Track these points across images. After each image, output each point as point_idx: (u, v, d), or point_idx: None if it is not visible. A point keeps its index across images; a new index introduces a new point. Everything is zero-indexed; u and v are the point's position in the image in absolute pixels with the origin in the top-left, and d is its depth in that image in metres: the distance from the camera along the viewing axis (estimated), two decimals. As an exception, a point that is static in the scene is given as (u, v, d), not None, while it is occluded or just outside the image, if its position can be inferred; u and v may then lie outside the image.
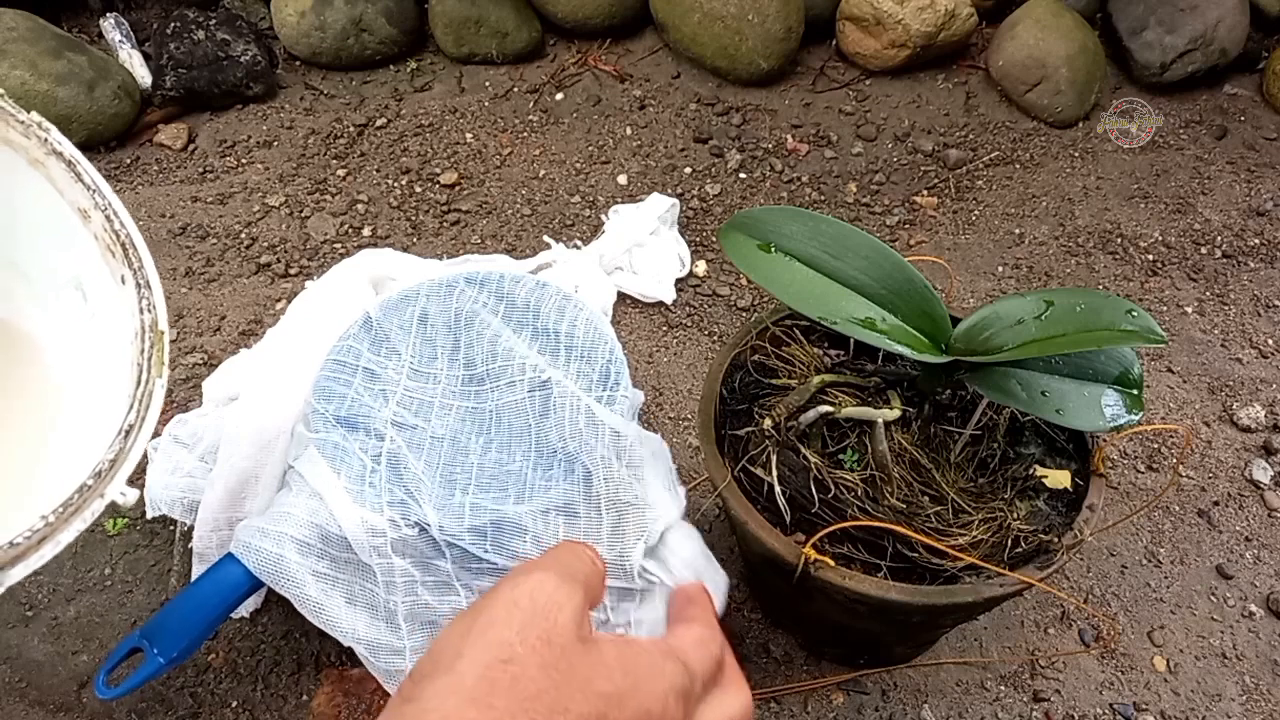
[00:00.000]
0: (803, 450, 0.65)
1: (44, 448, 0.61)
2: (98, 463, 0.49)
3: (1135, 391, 0.61)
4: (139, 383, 0.53)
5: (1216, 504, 0.94)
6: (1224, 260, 1.20)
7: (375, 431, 0.73)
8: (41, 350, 0.64)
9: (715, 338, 1.08)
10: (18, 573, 0.45)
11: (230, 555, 0.67)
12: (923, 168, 1.31)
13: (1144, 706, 0.80)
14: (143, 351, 0.54)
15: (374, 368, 0.77)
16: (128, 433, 0.51)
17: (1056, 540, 0.62)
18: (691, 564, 0.73)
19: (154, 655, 0.63)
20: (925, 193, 1.28)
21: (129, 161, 1.27)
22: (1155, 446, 0.99)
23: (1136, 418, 0.60)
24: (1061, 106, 1.36)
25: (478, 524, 0.67)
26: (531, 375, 0.75)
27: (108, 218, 0.57)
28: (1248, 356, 1.09)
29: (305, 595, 0.67)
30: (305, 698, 0.78)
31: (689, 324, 1.10)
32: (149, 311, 0.56)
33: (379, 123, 1.35)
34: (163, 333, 0.56)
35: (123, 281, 0.57)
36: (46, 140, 0.57)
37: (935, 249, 1.20)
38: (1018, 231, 1.23)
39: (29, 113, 0.56)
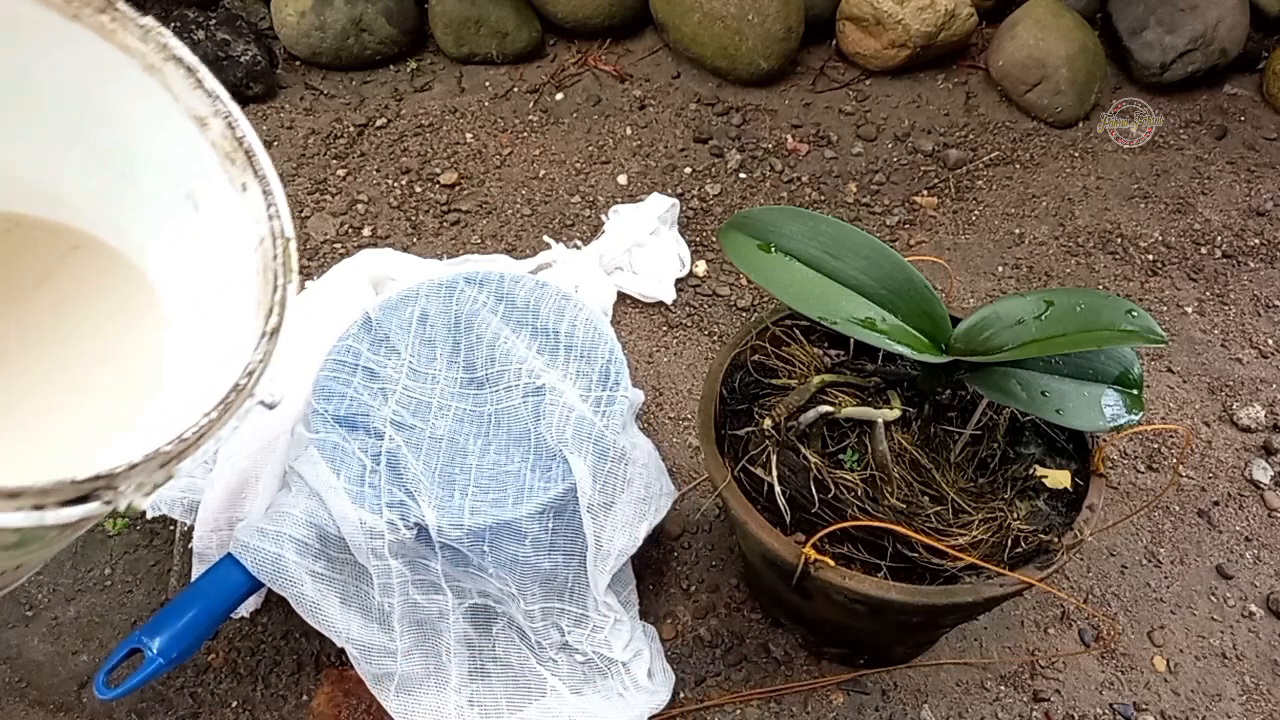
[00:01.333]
0: (803, 450, 0.65)
1: (161, 359, 0.61)
2: (248, 363, 0.50)
3: (1135, 391, 0.61)
4: (275, 287, 0.53)
5: (1216, 504, 0.94)
6: (1224, 260, 1.20)
7: (374, 430, 0.73)
8: (152, 277, 0.63)
9: (715, 338, 1.08)
10: (186, 466, 0.48)
11: (230, 556, 0.67)
12: (923, 168, 1.31)
13: (1144, 706, 0.80)
14: (275, 256, 0.54)
15: (374, 366, 0.77)
16: (271, 334, 0.52)
17: (1056, 540, 0.62)
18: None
19: (154, 656, 0.63)
20: (925, 193, 1.28)
21: (129, 161, 1.27)
22: (1155, 446, 0.99)
23: (1136, 418, 0.60)
24: (1061, 106, 1.36)
25: (477, 527, 0.67)
26: (527, 381, 0.75)
27: (229, 124, 0.56)
28: (1248, 356, 1.09)
29: (302, 595, 0.67)
30: (305, 698, 0.78)
31: (689, 324, 1.10)
32: (276, 218, 0.56)
33: (379, 123, 1.35)
34: (289, 239, 0.55)
35: (244, 189, 0.56)
36: (165, 46, 0.55)
37: (935, 249, 1.20)
38: (1018, 231, 1.23)
39: (145, 16, 0.55)
